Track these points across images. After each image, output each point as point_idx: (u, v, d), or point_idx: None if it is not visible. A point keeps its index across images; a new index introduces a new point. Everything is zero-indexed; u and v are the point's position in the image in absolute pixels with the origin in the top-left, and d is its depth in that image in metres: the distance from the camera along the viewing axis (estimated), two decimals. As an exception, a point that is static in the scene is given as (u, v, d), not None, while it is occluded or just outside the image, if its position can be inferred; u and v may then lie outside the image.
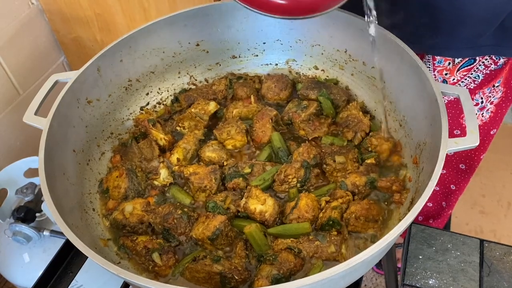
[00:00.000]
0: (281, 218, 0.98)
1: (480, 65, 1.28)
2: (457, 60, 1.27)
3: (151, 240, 0.95)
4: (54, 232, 1.51)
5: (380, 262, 1.84)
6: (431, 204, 1.78)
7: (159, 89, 1.26)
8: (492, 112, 1.42)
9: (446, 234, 1.05)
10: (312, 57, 1.25)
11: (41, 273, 0.99)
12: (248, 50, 1.29)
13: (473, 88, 1.34)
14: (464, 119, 1.39)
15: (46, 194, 0.84)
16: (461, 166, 1.62)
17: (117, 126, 1.18)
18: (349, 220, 0.94)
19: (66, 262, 1.02)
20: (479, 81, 1.32)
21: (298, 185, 1.02)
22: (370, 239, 0.95)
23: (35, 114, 1.00)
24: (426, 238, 1.05)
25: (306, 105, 1.15)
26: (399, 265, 1.93)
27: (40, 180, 0.86)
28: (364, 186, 1.00)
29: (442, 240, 1.05)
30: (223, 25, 1.23)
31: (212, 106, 1.17)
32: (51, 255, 1.16)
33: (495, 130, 1.52)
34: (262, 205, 0.96)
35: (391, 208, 0.99)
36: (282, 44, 1.26)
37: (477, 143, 0.86)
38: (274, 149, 1.09)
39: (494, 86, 1.33)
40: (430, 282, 0.98)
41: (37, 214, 1.52)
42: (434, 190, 1.04)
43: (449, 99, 1.34)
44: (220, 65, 1.30)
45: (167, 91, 1.27)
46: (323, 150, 1.07)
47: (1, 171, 1.50)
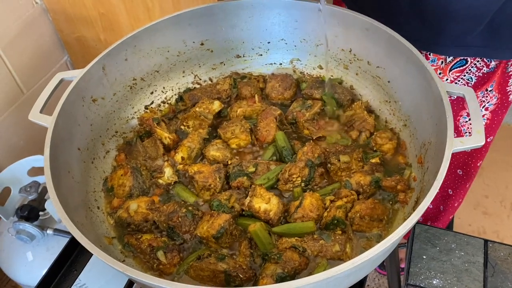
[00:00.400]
0: (285, 217, 0.98)
1: (472, 66, 1.29)
2: (448, 59, 1.28)
3: (156, 238, 0.95)
4: (58, 230, 1.51)
5: (382, 262, 1.84)
6: (431, 205, 1.79)
7: (164, 88, 1.26)
8: (488, 119, 1.43)
9: (450, 234, 1.05)
10: (316, 56, 1.26)
11: (45, 271, 0.99)
12: (252, 49, 1.29)
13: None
14: (460, 121, 1.40)
15: (51, 191, 0.84)
16: (458, 171, 1.63)
17: (121, 124, 1.18)
18: (353, 219, 0.94)
19: (71, 260, 1.01)
20: (472, 83, 1.33)
21: (303, 184, 1.02)
22: (375, 239, 0.95)
23: (40, 112, 1.00)
24: (430, 238, 1.05)
25: (310, 104, 1.15)
26: (402, 265, 1.94)
27: (45, 177, 0.86)
28: (368, 186, 0.99)
29: (446, 240, 1.04)
30: (228, 24, 1.23)
31: (216, 105, 1.17)
32: (54, 254, 1.16)
33: (492, 138, 1.52)
34: (266, 204, 0.96)
35: (396, 207, 0.99)
36: (286, 43, 1.27)
37: (482, 143, 0.86)
38: (278, 148, 1.09)
39: (487, 90, 1.33)
40: (434, 282, 0.98)
41: (40, 213, 1.52)
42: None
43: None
44: (224, 64, 1.30)
45: (172, 90, 1.27)
46: (328, 150, 1.07)
47: (4, 170, 1.50)
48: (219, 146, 1.09)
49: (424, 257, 1.02)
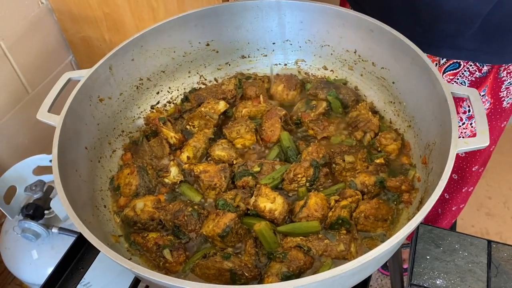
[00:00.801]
0: (290, 216, 0.99)
1: (465, 70, 1.30)
2: (442, 61, 1.28)
3: (162, 236, 0.95)
4: (63, 229, 1.52)
5: (385, 263, 1.85)
6: None
7: (170, 88, 1.27)
8: None
9: (454, 234, 1.06)
10: (321, 57, 1.26)
11: (51, 269, 1.00)
12: (257, 50, 1.29)
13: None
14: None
15: (59, 189, 0.85)
16: (453, 176, 1.64)
17: (128, 124, 1.19)
18: (358, 219, 0.95)
19: (77, 258, 1.02)
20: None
21: (307, 184, 1.02)
22: (379, 239, 0.95)
23: (48, 111, 1.01)
24: (434, 238, 1.05)
25: (315, 104, 1.16)
26: (405, 266, 1.94)
27: (53, 176, 0.87)
28: (373, 186, 1.00)
29: (449, 240, 1.05)
30: (233, 25, 1.24)
31: (221, 105, 1.18)
32: (60, 252, 1.17)
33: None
34: (271, 203, 0.97)
35: (400, 207, 1.00)
36: (291, 44, 1.27)
37: (487, 143, 0.87)
38: (283, 148, 1.10)
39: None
40: (438, 282, 0.99)
41: (45, 211, 1.52)
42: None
43: None
44: (229, 65, 1.31)
45: (177, 90, 1.28)
46: (332, 150, 1.07)
47: (10, 169, 1.50)
48: (225, 146, 1.10)
49: (427, 257, 1.02)
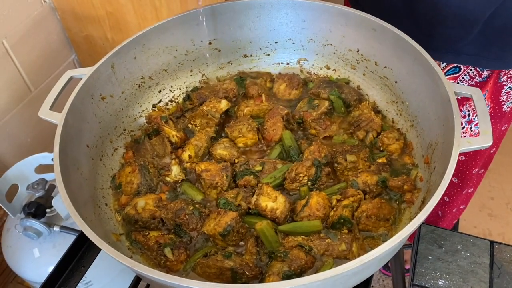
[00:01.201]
0: (291, 215, 0.99)
1: (465, 74, 1.29)
2: (442, 65, 1.28)
3: (163, 235, 0.95)
4: (64, 227, 1.52)
5: (387, 263, 1.84)
6: None
7: (172, 86, 1.27)
8: None
9: (456, 235, 1.05)
10: (323, 56, 1.26)
11: (52, 267, 1.00)
12: (259, 49, 1.29)
13: (460, 99, 1.36)
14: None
15: (61, 187, 0.85)
16: (453, 179, 1.64)
17: (129, 122, 1.19)
18: (360, 218, 0.95)
19: (78, 256, 1.02)
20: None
21: (309, 183, 1.02)
22: (381, 238, 0.95)
23: (50, 109, 1.01)
24: (436, 238, 1.05)
25: (317, 104, 1.16)
26: (406, 267, 1.93)
27: (55, 173, 0.87)
28: (375, 185, 1.00)
29: (452, 241, 1.04)
30: (236, 24, 1.24)
31: (223, 104, 1.18)
32: (61, 251, 1.17)
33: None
34: (273, 202, 0.96)
35: (402, 207, 0.99)
36: (294, 43, 1.27)
37: (490, 143, 0.86)
38: (285, 147, 1.10)
39: None
40: (440, 282, 0.98)
41: (47, 210, 1.53)
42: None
43: None
44: (232, 63, 1.31)
45: (179, 89, 1.28)
46: (334, 149, 1.07)
47: (12, 167, 1.50)
48: (226, 145, 1.10)
49: (429, 257, 1.02)
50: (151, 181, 1.05)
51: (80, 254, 1.03)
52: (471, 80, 1.30)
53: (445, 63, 1.30)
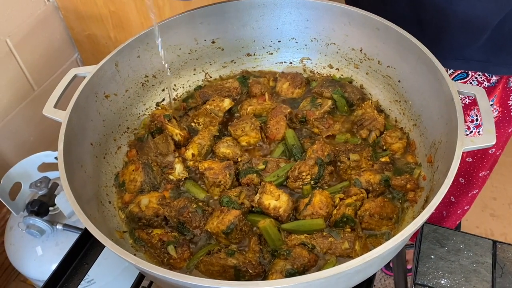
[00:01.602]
0: (294, 214, 0.99)
1: (473, 80, 1.29)
2: (449, 71, 1.28)
3: (166, 233, 0.95)
4: (67, 226, 1.53)
5: (389, 263, 1.84)
6: (435, 210, 1.80)
7: (175, 85, 1.27)
8: None
9: (459, 234, 1.05)
10: (327, 55, 1.26)
11: (56, 264, 1.01)
12: (263, 48, 1.30)
13: (468, 103, 1.36)
14: None
15: (65, 185, 0.85)
16: (460, 179, 1.64)
17: (133, 121, 1.19)
18: (363, 217, 0.95)
19: (82, 253, 1.03)
20: (473, 97, 1.33)
21: (312, 182, 1.02)
22: (384, 237, 0.95)
23: (54, 107, 1.01)
24: (439, 238, 1.05)
25: (320, 103, 1.16)
26: (408, 266, 1.93)
27: (59, 171, 0.87)
28: (378, 184, 1.00)
29: (454, 240, 1.04)
30: (239, 23, 1.24)
31: (226, 103, 1.18)
32: (64, 249, 1.18)
33: (494, 150, 1.52)
34: (276, 200, 0.97)
35: (405, 206, 1.00)
36: (297, 42, 1.27)
37: (493, 142, 0.86)
38: (288, 146, 1.10)
39: None
40: (442, 282, 0.98)
41: (50, 208, 1.53)
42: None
43: None
44: (235, 62, 1.31)
45: (183, 88, 1.28)
46: (337, 148, 1.07)
47: (15, 165, 1.51)
48: (229, 144, 1.10)
49: (432, 257, 1.02)
50: (155, 179, 1.05)
51: (83, 252, 1.03)
52: (479, 85, 1.30)
53: (452, 70, 1.30)
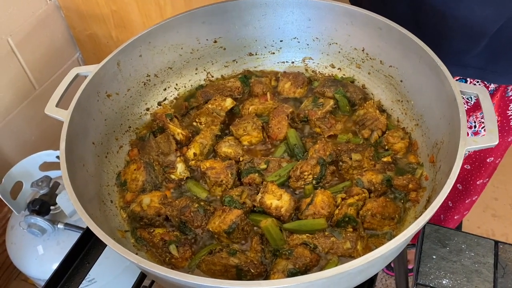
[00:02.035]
0: (296, 214, 0.99)
1: None
2: None
3: (168, 232, 0.95)
4: (68, 225, 1.53)
5: (390, 263, 1.84)
6: None
7: (177, 84, 1.27)
8: None
9: (461, 234, 1.05)
10: (329, 55, 1.26)
11: (57, 263, 1.00)
12: (265, 47, 1.29)
13: (466, 109, 1.35)
14: None
15: (67, 184, 0.85)
16: (458, 186, 1.64)
17: (135, 120, 1.19)
18: (365, 217, 0.95)
19: (84, 253, 1.03)
20: (472, 103, 1.34)
21: (314, 182, 1.02)
22: (386, 237, 0.95)
23: (56, 106, 1.01)
24: (440, 238, 1.05)
25: (322, 102, 1.16)
26: (409, 266, 1.93)
27: (61, 170, 0.87)
28: (380, 184, 1.00)
29: (456, 240, 1.04)
30: (241, 22, 1.24)
31: (228, 103, 1.18)
32: (65, 248, 1.17)
33: (492, 159, 1.52)
34: (278, 200, 0.96)
35: (407, 206, 0.99)
36: (299, 42, 1.27)
37: (496, 142, 0.86)
38: (290, 145, 1.10)
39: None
40: (444, 282, 0.98)
41: (51, 207, 1.53)
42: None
43: None
44: (236, 62, 1.31)
45: (184, 87, 1.28)
46: (339, 148, 1.07)
47: (17, 164, 1.51)
48: (231, 143, 1.10)
49: (434, 257, 1.02)
50: (156, 178, 1.05)
51: (84, 251, 1.03)
52: None
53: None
